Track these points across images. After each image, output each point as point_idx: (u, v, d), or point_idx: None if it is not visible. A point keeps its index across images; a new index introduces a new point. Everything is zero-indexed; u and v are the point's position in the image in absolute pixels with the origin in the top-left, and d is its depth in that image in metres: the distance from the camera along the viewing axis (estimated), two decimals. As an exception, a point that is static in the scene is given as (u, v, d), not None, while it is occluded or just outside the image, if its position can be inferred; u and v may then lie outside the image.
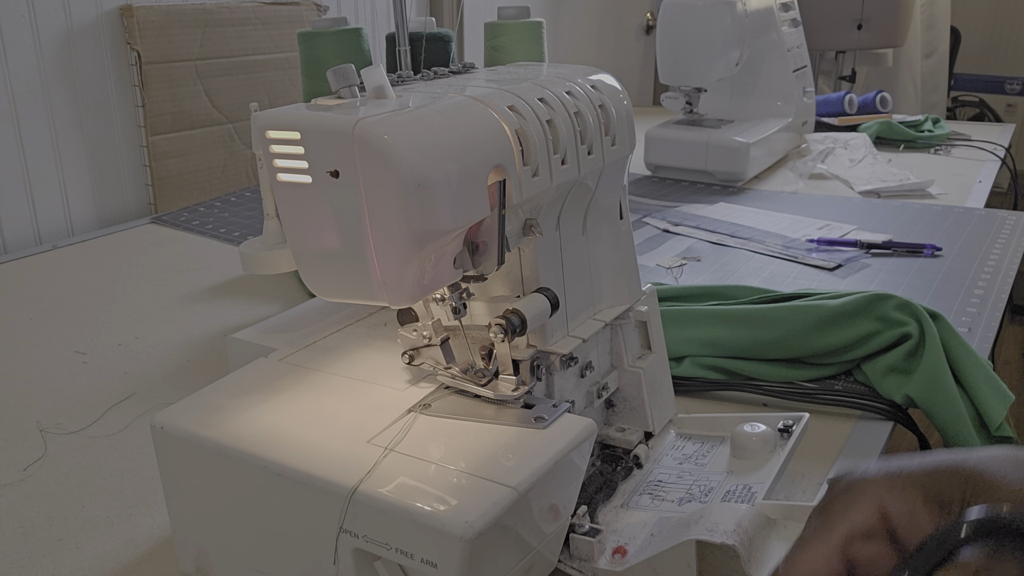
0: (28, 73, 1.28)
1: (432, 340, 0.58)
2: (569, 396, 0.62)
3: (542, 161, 0.55)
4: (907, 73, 3.10)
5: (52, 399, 0.82)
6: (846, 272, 1.11)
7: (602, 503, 0.61)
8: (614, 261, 0.67)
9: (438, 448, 0.52)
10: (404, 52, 0.92)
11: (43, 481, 0.69)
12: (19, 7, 1.26)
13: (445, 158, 0.48)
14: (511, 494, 0.47)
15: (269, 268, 0.92)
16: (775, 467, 0.61)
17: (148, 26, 1.40)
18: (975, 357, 0.78)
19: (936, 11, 3.26)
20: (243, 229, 1.33)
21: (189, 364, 0.89)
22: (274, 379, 0.61)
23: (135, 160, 1.45)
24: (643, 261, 1.16)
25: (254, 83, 1.58)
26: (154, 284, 1.12)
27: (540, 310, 0.56)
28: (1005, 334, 3.01)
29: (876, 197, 1.48)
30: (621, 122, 0.63)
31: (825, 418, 0.77)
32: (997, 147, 1.78)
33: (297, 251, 0.53)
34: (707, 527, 0.51)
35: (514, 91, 0.56)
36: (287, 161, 0.50)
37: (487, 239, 0.53)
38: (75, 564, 0.59)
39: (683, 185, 1.58)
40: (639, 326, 0.69)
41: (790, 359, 0.82)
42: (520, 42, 1.03)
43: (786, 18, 1.72)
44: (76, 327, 0.99)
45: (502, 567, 0.49)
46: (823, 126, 1.91)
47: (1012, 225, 1.29)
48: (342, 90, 0.52)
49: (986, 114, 3.79)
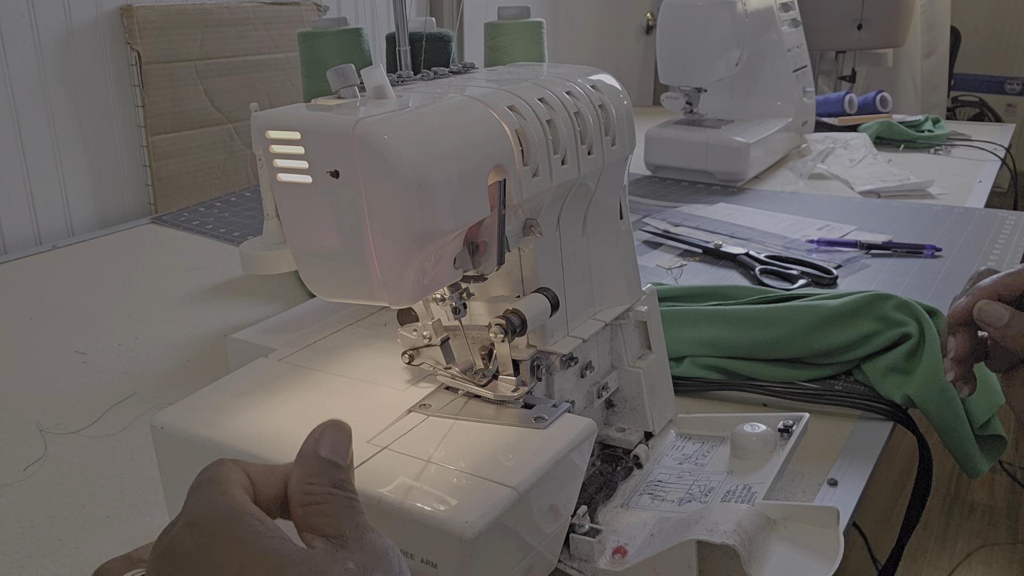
0: (28, 73, 1.28)
1: (432, 340, 0.58)
2: (569, 396, 0.62)
3: (542, 161, 0.55)
4: (907, 73, 3.10)
5: (52, 399, 0.82)
6: (846, 272, 1.11)
7: (602, 503, 0.61)
8: (614, 261, 0.67)
9: (438, 448, 0.52)
10: (404, 52, 0.91)
11: (43, 481, 0.69)
12: (19, 7, 1.26)
13: (445, 158, 0.48)
14: (511, 494, 0.47)
15: (269, 268, 0.92)
16: (775, 467, 0.61)
17: (148, 26, 1.40)
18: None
19: (936, 11, 3.26)
20: (243, 229, 1.33)
21: (189, 364, 0.89)
22: (274, 379, 0.61)
23: (135, 160, 1.45)
24: (643, 261, 1.16)
25: (254, 83, 1.58)
26: (154, 284, 1.12)
27: (540, 310, 0.56)
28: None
29: (876, 197, 1.48)
30: (621, 122, 0.63)
31: (825, 418, 0.77)
32: (997, 147, 1.78)
33: (297, 251, 0.53)
34: (707, 527, 0.51)
35: (514, 91, 0.56)
36: (287, 161, 0.50)
37: (487, 239, 0.53)
38: (75, 564, 0.59)
39: (683, 185, 1.58)
40: (639, 326, 0.69)
41: (790, 359, 0.82)
42: (520, 42, 1.03)
43: (786, 18, 1.72)
44: (76, 327, 0.99)
45: (502, 567, 0.49)
46: (823, 126, 1.91)
47: (1012, 225, 1.29)
48: (342, 90, 0.52)
49: (986, 114, 3.79)
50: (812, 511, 0.53)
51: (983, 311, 0.59)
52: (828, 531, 0.52)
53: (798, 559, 0.51)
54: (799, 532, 0.53)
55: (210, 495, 0.36)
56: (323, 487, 0.38)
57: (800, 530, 0.53)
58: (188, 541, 0.35)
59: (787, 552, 0.51)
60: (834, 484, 0.67)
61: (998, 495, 2.13)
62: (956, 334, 0.62)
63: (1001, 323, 0.58)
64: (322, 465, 0.38)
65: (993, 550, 1.93)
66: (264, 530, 0.35)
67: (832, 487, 0.66)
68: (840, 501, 0.65)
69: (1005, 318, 0.58)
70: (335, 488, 0.38)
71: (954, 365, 0.62)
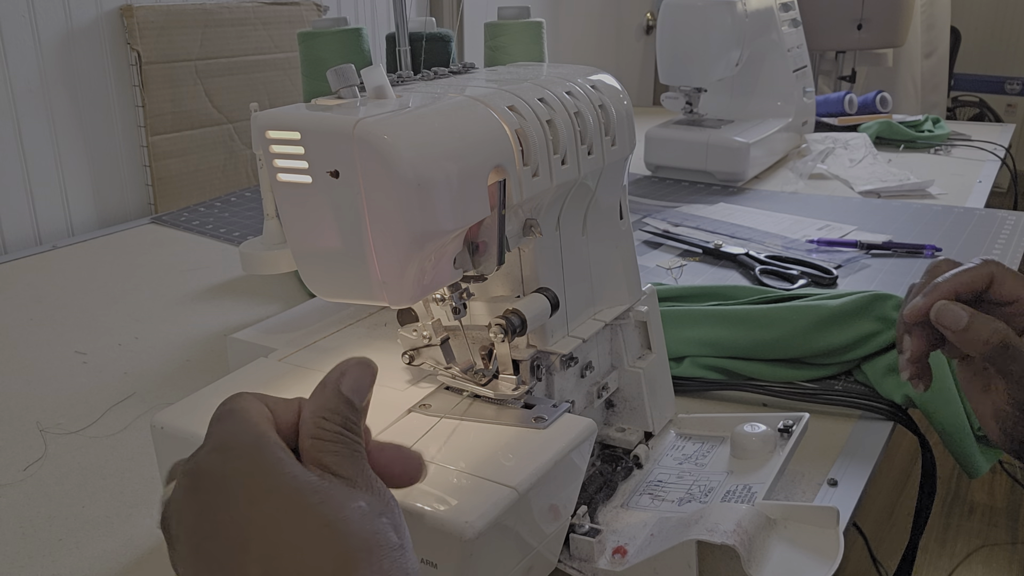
0: (28, 73, 1.28)
1: (432, 340, 0.58)
2: (569, 396, 0.62)
3: (542, 161, 0.55)
4: (907, 73, 3.10)
5: (52, 399, 0.82)
6: (846, 272, 1.11)
7: (602, 503, 0.61)
8: (614, 261, 0.67)
9: (438, 448, 0.52)
10: (404, 52, 0.91)
11: (43, 481, 0.69)
12: (19, 7, 1.26)
13: (445, 158, 0.48)
14: (511, 494, 0.47)
15: (269, 268, 0.92)
16: (775, 467, 0.61)
17: (148, 26, 1.40)
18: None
19: (936, 11, 3.26)
20: (243, 229, 1.33)
21: (189, 364, 0.89)
22: (274, 379, 0.61)
23: (135, 160, 1.45)
24: (643, 261, 1.16)
25: (254, 83, 1.58)
26: (154, 284, 1.12)
27: (540, 310, 0.56)
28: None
29: (876, 197, 1.48)
30: (621, 122, 0.63)
31: (825, 418, 0.77)
32: (997, 147, 1.78)
33: (297, 251, 0.53)
34: (707, 527, 0.51)
35: (514, 91, 0.56)
36: (287, 161, 0.50)
37: (487, 239, 0.53)
38: (75, 564, 0.59)
39: (683, 185, 1.58)
40: (639, 326, 0.69)
41: (790, 359, 0.82)
42: (520, 42, 1.03)
43: (786, 18, 1.72)
44: (76, 327, 0.99)
45: (502, 567, 0.49)
46: (823, 126, 1.91)
47: (1012, 225, 1.29)
48: (342, 90, 0.52)
49: (986, 114, 3.79)
50: (812, 511, 0.53)
51: (941, 313, 0.56)
52: (828, 531, 0.52)
53: (798, 559, 0.51)
54: (799, 532, 0.53)
55: (234, 424, 0.38)
56: (335, 425, 0.39)
57: (800, 530, 0.53)
58: (216, 465, 0.37)
59: (787, 552, 0.51)
60: (834, 484, 0.67)
61: (998, 495, 2.13)
62: (912, 333, 0.60)
63: (960, 326, 0.55)
64: (339, 401, 0.39)
65: (993, 550, 1.93)
66: (287, 458, 0.37)
67: (832, 487, 0.66)
68: (840, 501, 0.65)
69: (964, 321, 0.55)
70: (345, 430, 0.39)
71: (910, 364, 0.60)
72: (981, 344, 0.55)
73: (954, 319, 0.55)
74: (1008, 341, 0.55)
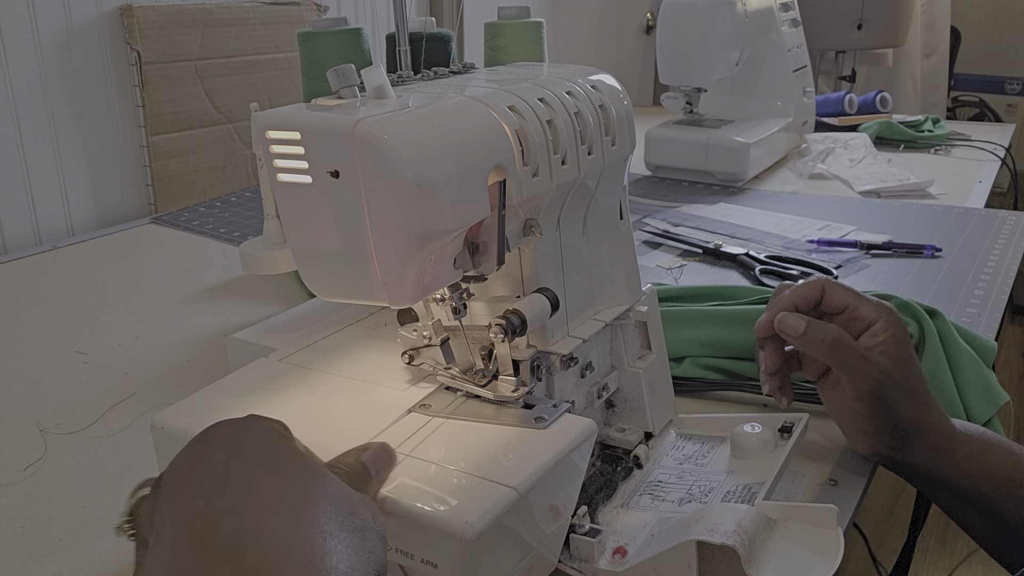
0: (28, 73, 1.28)
1: (432, 340, 0.58)
2: (569, 396, 0.62)
3: (542, 161, 0.55)
4: (907, 73, 3.10)
5: (52, 399, 0.82)
6: (846, 272, 1.11)
7: (602, 503, 0.61)
8: (614, 261, 0.67)
9: (438, 448, 0.52)
10: (404, 52, 0.92)
11: (43, 481, 0.69)
12: (19, 7, 1.26)
13: (445, 158, 0.48)
14: (511, 494, 0.47)
15: (269, 268, 0.92)
16: (775, 467, 0.61)
17: (148, 26, 1.40)
18: (970, 357, 0.78)
19: (936, 11, 3.25)
20: (243, 229, 1.33)
21: (189, 364, 0.89)
22: (274, 379, 0.61)
23: (135, 160, 1.45)
24: (643, 261, 1.16)
25: (254, 83, 1.58)
26: (154, 284, 1.12)
27: (540, 310, 0.56)
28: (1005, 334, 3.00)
29: (876, 197, 1.48)
30: (621, 122, 0.63)
31: (825, 418, 0.77)
32: (997, 147, 1.78)
33: (297, 251, 0.53)
34: (707, 527, 0.51)
35: (514, 91, 0.56)
36: (287, 161, 0.50)
37: (487, 239, 0.53)
38: (75, 564, 0.59)
39: (683, 185, 1.58)
40: (639, 326, 0.69)
41: (790, 359, 0.82)
42: (520, 42, 1.03)
43: (786, 18, 1.72)
44: (76, 327, 0.99)
45: (502, 567, 0.49)
46: (823, 126, 1.91)
47: (1012, 225, 1.29)
48: (342, 90, 0.52)
49: (986, 114, 3.79)
50: (812, 511, 0.53)
51: (782, 322, 0.65)
52: (828, 531, 0.52)
53: (798, 559, 0.51)
54: (799, 532, 0.53)
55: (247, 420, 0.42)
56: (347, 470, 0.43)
57: (800, 530, 0.53)
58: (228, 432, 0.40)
59: (787, 552, 0.51)
60: (834, 484, 0.67)
61: (998, 495, 2.12)
62: (764, 348, 0.68)
63: (799, 332, 0.64)
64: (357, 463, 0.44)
65: (993, 550, 1.93)
66: (299, 447, 0.41)
67: (832, 487, 0.66)
68: (840, 501, 0.65)
69: (802, 327, 0.64)
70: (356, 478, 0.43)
71: (768, 378, 0.68)
72: (819, 343, 0.63)
73: (793, 326, 0.64)
74: (840, 337, 0.63)
